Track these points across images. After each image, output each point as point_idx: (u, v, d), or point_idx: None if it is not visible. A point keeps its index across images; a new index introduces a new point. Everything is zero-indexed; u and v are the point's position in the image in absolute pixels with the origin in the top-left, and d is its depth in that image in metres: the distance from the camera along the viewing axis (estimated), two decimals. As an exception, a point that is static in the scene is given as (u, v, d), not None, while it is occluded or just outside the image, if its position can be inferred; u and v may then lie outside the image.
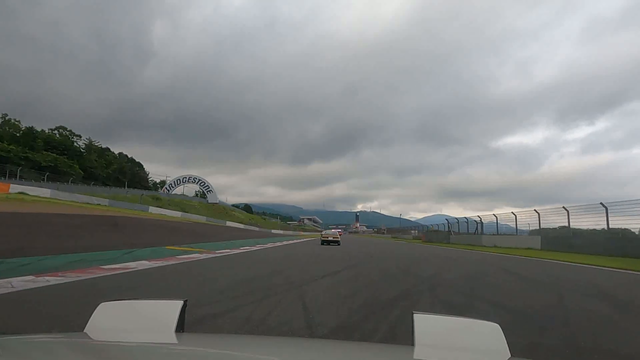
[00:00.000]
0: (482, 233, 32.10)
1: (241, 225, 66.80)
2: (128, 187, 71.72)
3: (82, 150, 70.49)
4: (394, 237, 74.53)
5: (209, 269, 7.49)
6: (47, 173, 42.78)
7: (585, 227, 18.96)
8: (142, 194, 48.84)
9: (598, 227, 17.66)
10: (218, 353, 1.02)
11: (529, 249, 20.52)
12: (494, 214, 27.47)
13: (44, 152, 56.95)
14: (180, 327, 1.06)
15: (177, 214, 49.42)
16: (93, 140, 74.22)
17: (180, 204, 70.21)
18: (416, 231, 76.04)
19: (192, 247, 13.09)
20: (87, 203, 35.64)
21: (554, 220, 21.84)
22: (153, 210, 44.07)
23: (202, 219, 55.39)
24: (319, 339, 2.60)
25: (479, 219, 29.97)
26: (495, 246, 23.72)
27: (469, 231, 38.91)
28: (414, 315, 1.07)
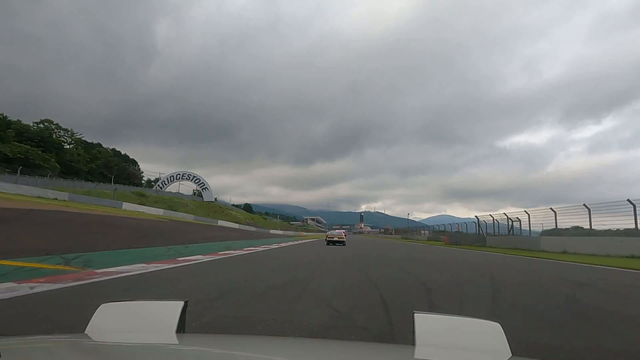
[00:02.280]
0: (520, 234, 25.42)
1: (236, 225, 60.47)
2: (115, 183, 65.83)
3: (63, 142, 64.61)
4: (404, 238, 67.76)
5: None
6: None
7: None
8: (115, 189, 42.61)
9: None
10: (219, 353, 1.02)
11: (632, 257, 13.80)
12: (551, 208, 20.75)
13: (14, 143, 51.01)
14: (181, 328, 1.06)
15: (158, 211, 43.19)
16: (75, 132, 68.20)
17: (170, 201, 64.04)
18: (427, 232, 69.34)
19: (59, 265, 6.60)
20: (40, 197, 29.41)
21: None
22: (128, 207, 37.83)
23: (189, 217, 49.09)
24: (320, 339, 2.47)
25: (527, 215, 23.15)
26: (565, 252, 17.02)
27: (500, 232, 32.48)
28: (415, 314, 1.06)
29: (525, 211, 22.89)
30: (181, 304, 1.11)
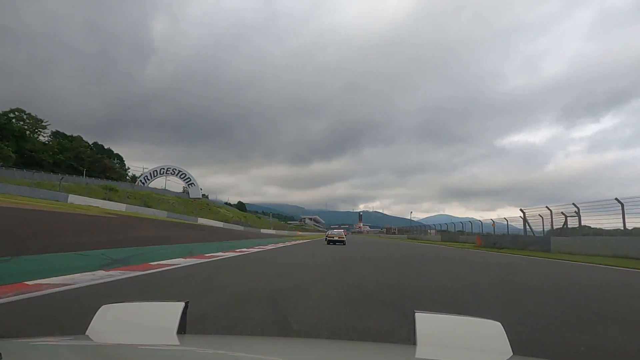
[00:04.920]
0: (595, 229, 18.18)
1: (220, 224, 53.26)
2: (88, 176, 58.51)
3: (25, 130, 57.03)
4: (411, 239, 60.52)
5: None
6: None
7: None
8: (62, 178, 35.18)
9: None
10: (220, 354, 1.02)
11: None
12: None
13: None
14: (182, 329, 1.06)
15: (120, 206, 35.89)
16: (41, 120, 60.54)
17: (147, 197, 56.66)
18: (434, 231, 62.25)
19: None
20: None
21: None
22: (77, 200, 30.53)
23: (161, 214, 41.80)
24: (320, 339, 2.43)
25: (621, 204, 15.66)
26: None
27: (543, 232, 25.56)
28: (416, 314, 1.06)
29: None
30: (182, 304, 1.09)
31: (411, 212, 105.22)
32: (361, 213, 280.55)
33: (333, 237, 23.39)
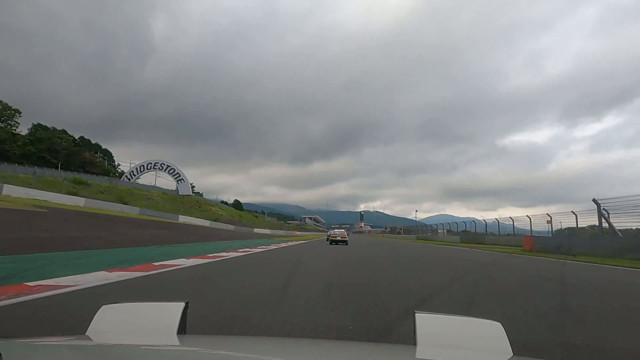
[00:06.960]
0: None
1: (207, 223, 47.43)
2: (64, 170, 52.77)
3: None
4: (420, 239, 54.53)
5: None
6: None
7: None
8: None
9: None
10: (220, 354, 1.01)
11: None
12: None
13: None
14: (182, 329, 1.06)
15: (78, 201, 30.08)
16: (12, 108, 54.61)
17: (126, 192, 50.89)
18: (445, 231, 56.19)
19: None
20: None
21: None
22: (17, 192, 24.75)
23: (133, 210, 35.97)
24: (321, 340, 2.39)
25: None
26: None
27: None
28: (416, 314, 1.06)
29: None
30: (182, 305, 1.09)
31: (416, 211, 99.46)
32: (362, 213, 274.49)
33: (336, 237, 23.40)
